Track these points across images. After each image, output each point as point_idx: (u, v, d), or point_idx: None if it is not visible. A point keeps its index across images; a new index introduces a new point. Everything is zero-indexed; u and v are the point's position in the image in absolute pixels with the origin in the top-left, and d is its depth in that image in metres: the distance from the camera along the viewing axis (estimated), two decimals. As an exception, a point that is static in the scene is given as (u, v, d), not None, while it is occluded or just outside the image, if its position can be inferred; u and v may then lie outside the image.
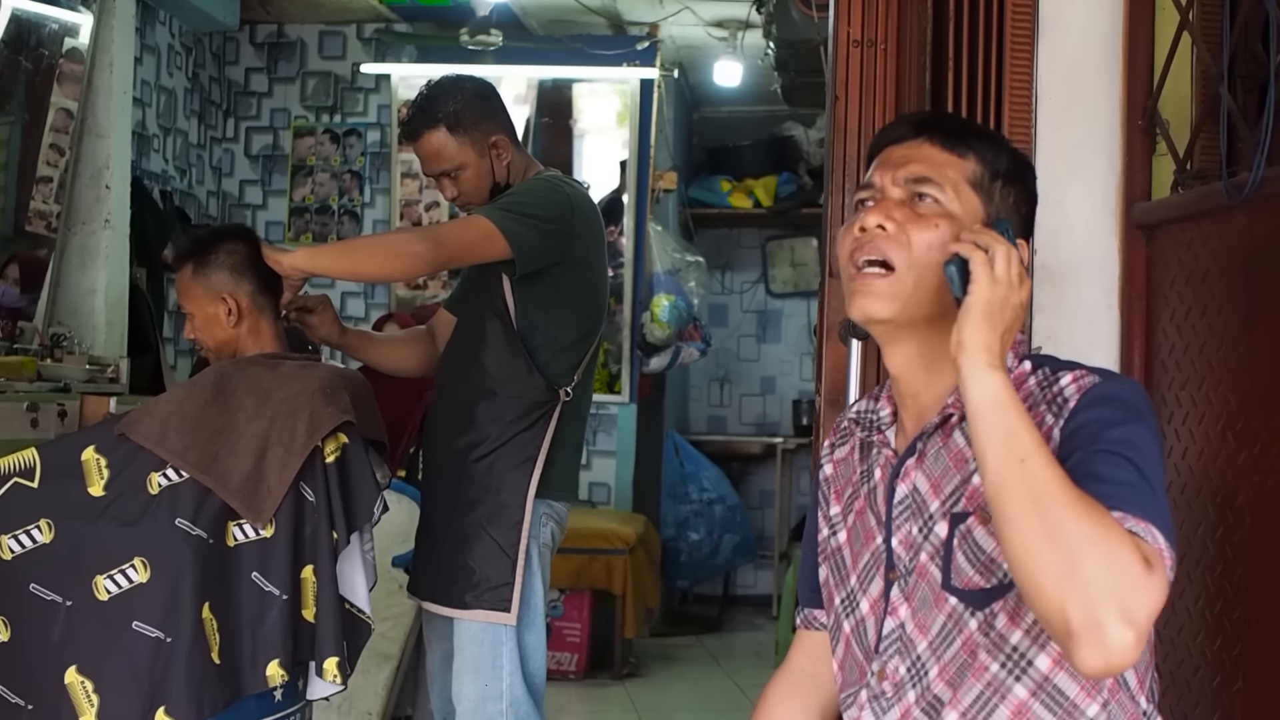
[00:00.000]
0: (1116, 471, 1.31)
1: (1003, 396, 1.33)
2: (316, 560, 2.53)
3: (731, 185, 7.27)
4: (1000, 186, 1.51)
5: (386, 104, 6.22)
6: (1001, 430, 1.30)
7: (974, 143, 1.52)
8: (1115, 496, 1.27)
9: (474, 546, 2.81)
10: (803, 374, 7.79)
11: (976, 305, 1.37)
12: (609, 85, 6.24)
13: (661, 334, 5.84)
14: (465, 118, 2.87)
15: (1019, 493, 1.26)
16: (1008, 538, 1.27)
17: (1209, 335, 1.84)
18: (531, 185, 2.91)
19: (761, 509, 7.60)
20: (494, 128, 2.92)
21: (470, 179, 2.89)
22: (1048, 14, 2.10)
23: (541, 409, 2.87)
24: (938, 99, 2.09)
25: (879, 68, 2.21)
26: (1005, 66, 2.05)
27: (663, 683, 5.72)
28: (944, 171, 1.49)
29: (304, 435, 2.54)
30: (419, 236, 2.75)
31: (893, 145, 1.55)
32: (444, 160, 2.88)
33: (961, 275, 1.39)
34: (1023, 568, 1.25)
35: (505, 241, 2.72)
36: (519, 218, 2.75)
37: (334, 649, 2.51)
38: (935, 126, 1.54)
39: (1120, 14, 2.08)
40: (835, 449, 1.72)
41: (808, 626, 1.76)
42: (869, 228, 1.49)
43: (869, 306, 1.49)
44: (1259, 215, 1.71)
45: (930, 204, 1.49)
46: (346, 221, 6.26)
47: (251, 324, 2.73)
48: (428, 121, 2.88)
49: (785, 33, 4.86)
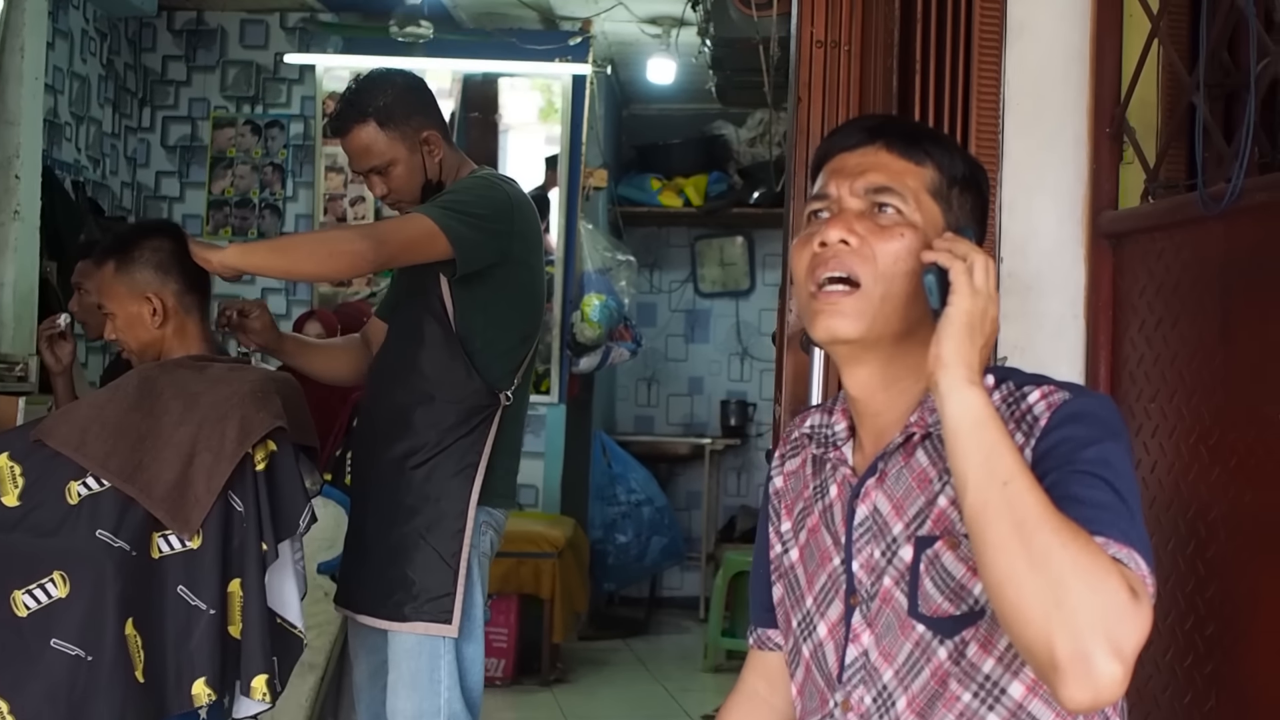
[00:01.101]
0: (1095, 493, 1.25)
1: (983, 414, 1.27)
2: (244, 573, 2.42)
3: (662, 184, 7.23)
4: (958, 193, 1.45)
5: (311, 95, 6.08)
6: (982, 451, 1.25)
7: (930, 148, 1.46)
8: (1096, 520, 1.22)
9: (413, 556, 2.72)
10: (730, 374, 7.77)
11: (957, 317, 1.31)
12: (534, 81, 6.16)
13: (592, 334, 5.77)
14: (396, 112, 2.78)
15: (1001, 517, 1.20)
16: (989, 564, 1.21)
17: (1180, 347, 1.80)
18: (470, 183, 2.83)
19: (689, 510, 7.55)
20: (425, 123, 2.83)
21: (401, 175, 2.80)
22: (1016, 19, 2.06)
23: (482, 414, 2.80)
24: (904, 104, 2.04)
25: (842, 69, 2.15)
26: (973, 72, 2.01)
27: (591, 688, 5.66)
28: (903, 180, 1.43)
29: (234, 442, 2.43)
30: (359, 234, 2.66)
31: (845, 152, 1.47)
32: (374, 156, 2.79)
33: (940, 286, 1.33)
34: (1005, 596, 1.19)
35: (446, 241, 2.64)
36: (460, 216, 2.68)
37: (262, 665, 2.41)
38: (890, 132, 1.47)
39: (1088, 21, 2.05)
40: (786, 461, 1.65)
41: (761, 647, 1.69)
42: (830, 242, 1.41)
43: (835, 326, 1.42)
44: (1236, 226, 1.68)
45: (892, 214, 1.42)
46: (268, 215, 6.11)
47: (177, 325, 2.62)
48: (357, 116, 2.78)
49: (723, 31, 4.82)
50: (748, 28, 4.68)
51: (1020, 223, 2.02)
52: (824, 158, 1.50)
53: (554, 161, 6.12)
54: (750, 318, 7.76)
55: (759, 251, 7.74)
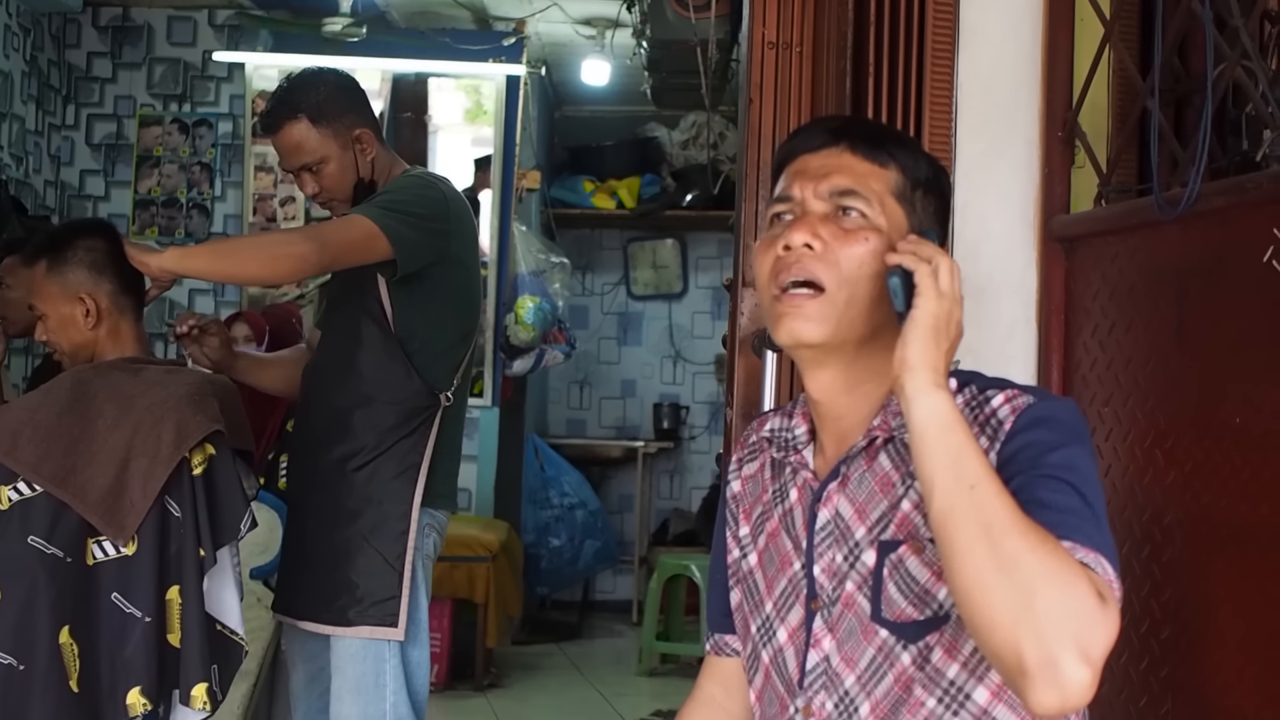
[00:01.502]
0: (1061, 498, 1.25)
1: (949, 418, 1.27)
2: (182, 580, 2.37)
3: (595, 186, 7.20)
4: (921, 195, 1.45)
5: (240, 94, 5.96)
6: (949, 454, 1.24)
7: (894, 150, 1.45)
8: (1063, 525, 1.22)
9: (356, 560, 2.70)
10: (663, 377, 7.76)
11: (923, 320, 1.31)
12: (459, 81, 6.12)
13: (526, 336, 5.73)
14: (328, 109, 2.76)
15: (969, 521, 1.20)
16: (956, 568, 1.21)
17: (1134, 351, 1.81)
18: (406, 183, 2.81)
19: (621, 513, 7.53)
20: (358, 121, 2.81)
21: (333, 173, 2.78)
22: (968, 22, 2.07)
23: (422, 415, 2.78)
24: (858, 106, 2.03)
25: (794, 71, 2.15)
26: (926, 75, 2.01)
27: (525, 692, 5.62)
28: (868, 183, 1.42)
29: (170, 445, 2.38)
30: (301, 237, 2.63)
31: (808, 154, 1.46)
32: (305, 153, 2.76)
33: (905, 288, 1.33)
34: (972, 601, 1.19)
35: (387, 242, 2.62)
36: (399, 216, 2.66)
37: (202, 674, 2.36)
38: (853, 134, 1.46)
39: (1039, 25, 2.06)
40: (743, 465, 1.64)
41: (718, 653, 1.67)
42: (794, 246, 1.40)
43: (799, 330, 1.41)
44: (1191, 231, 1.69)
45: (856, 218, 1.41)
46: (195, 215, 6.00)
47: (111, 326, 2.56)
48: (288, 113, 2.75)
49: (660, 33, 4.80)
50: (685, 30, 4.67)
51: (972, 225, 2.02)
52: (786, 159, 1.49)
53: (484, 163, 6.08)
54: (683, 320, 7.76)
55: (692, 254, 7.74)
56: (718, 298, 7.72)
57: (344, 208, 2.80)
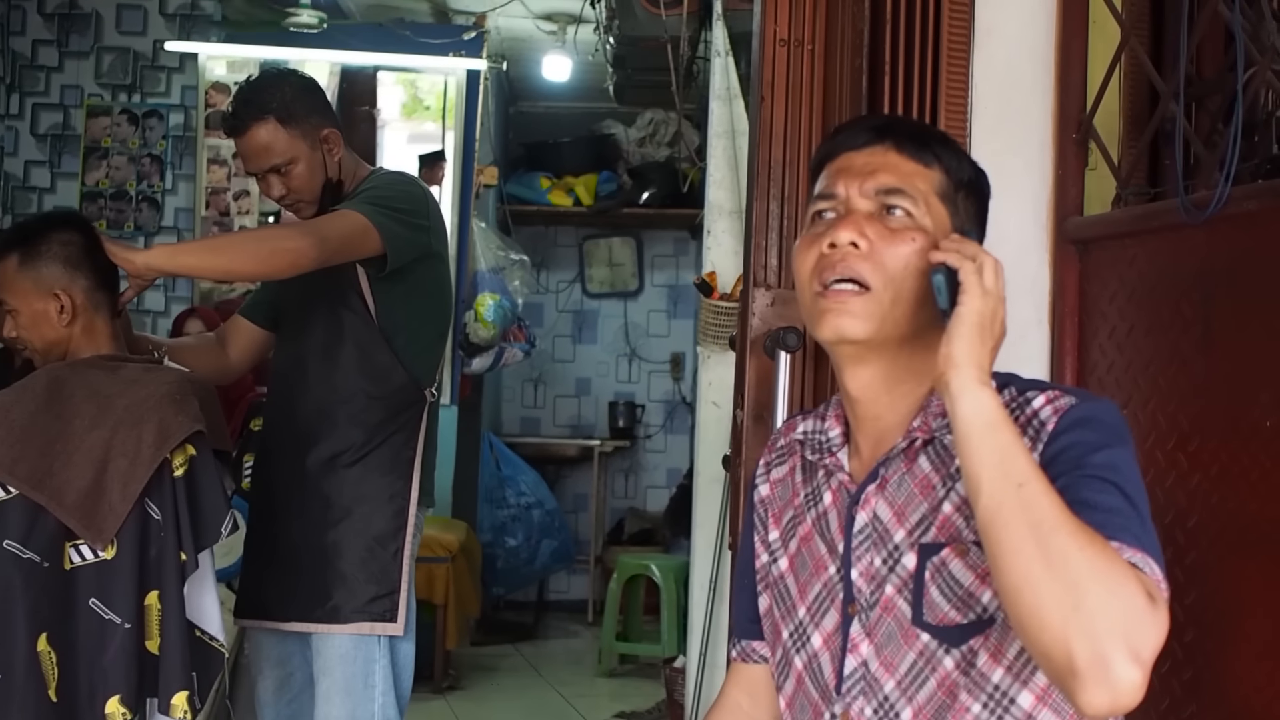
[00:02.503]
0: (1106, 498, 1.24)
1: (995, 416, 1.25)
2: (162, 585, 2.31)
3: (551, 182, 7.16)
4: (963, 197, 1.43)
5: (192, 85, 5.84)
6: (996, 453, 1.22)
7: (938, 150, 1.43)
8: (1109, 525, 1.20)
9: (352, 557, 2.69)
10: (619, 376, 7.73)
11: (968, 317, 1.29)
12: (402, 75, 6.08)
13: (486, 334, 5.68)
14: (296, 109, 2.72)
15: (1017, 519, 1.18)
16: (1005, 568, 1.19)
17: (1155, 354, 1.81)
18: (388, 179, 2.81)
19: (576, 513, 7.49)
20: (324, 121, 2.79)
21: (301, 175, 2.74)
22: (983, 22, 2.05)
23: (410, 410, 2.78)
24: (874, 105, 2.01)
25: (805, 69, 2.12)
26: (941, 74, 1.99)
27: (484, 694, 5.59)
28: (914, 182, 1.40)
29: (151, 446, 2.32)
30: (299, 232, 2.58)
31: (852, 151, 1.44)
32: (274, 154, 2.71)
33: (949, 285, 1.31)
34: (1021, 600, 1.17)
35: (379, 237, 2.60)
36: (387, 212, 2.64)
37: (182, 682, 2.30)
38: (899, 133, 1.44)
39: (1054, 25, 2.05)
40: (772, 469, 1.62)
41: (745, 659, 1.64)
42: (840, 244, 1.38)
43: (844, 326, 1.38)
44: (1219, 234, 1.68)
45: (902, 217, 1.39)
46: (145, 208, 5.87)
47: (86, 323, 2.49)
48: (256, 113, 2.70)
49: (628, 29, 4.77)
50: (654, 27, 4.65)
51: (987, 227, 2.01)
52: (827, 156, 1.47)
53: (429, 158, 6.00)
54: (639, 319, 7.73)
55: (648, 252, 7.72)
56: (673, 296, 7.70)
57: (311, 209, 2.77)
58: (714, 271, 4.29)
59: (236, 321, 2.97)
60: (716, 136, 4.34)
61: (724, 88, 4.36)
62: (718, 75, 4.37)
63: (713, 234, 4.34)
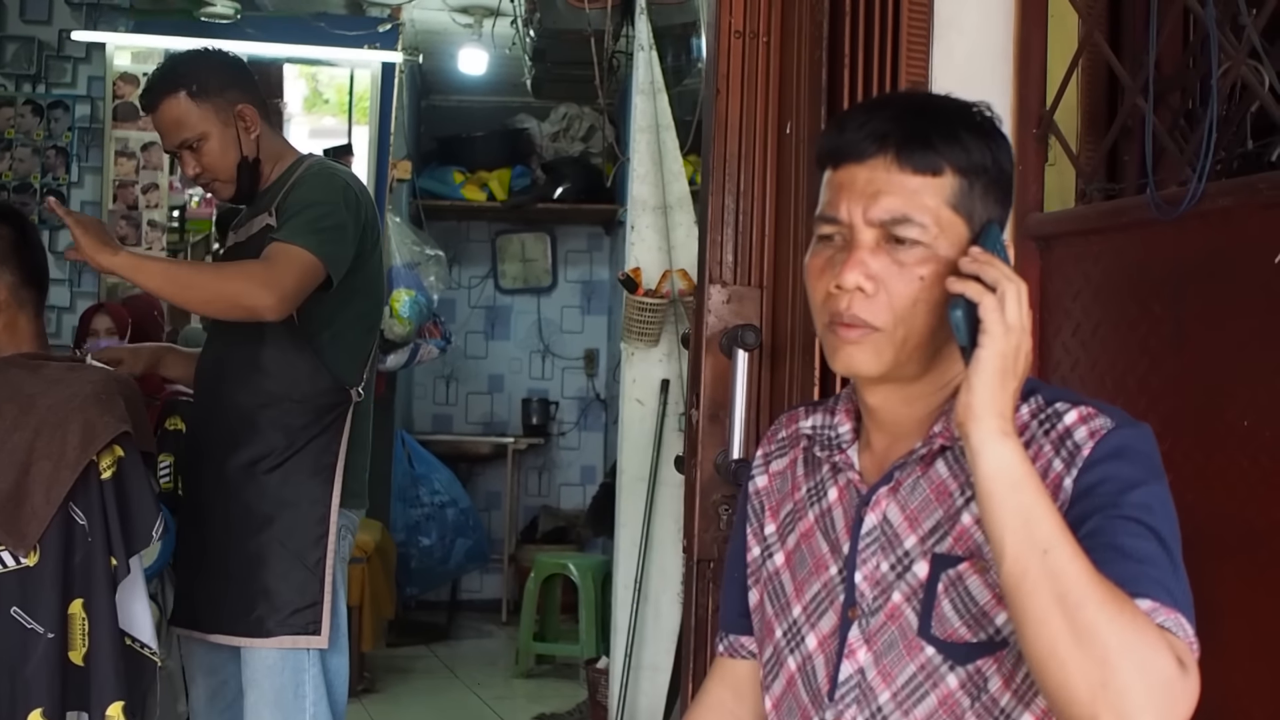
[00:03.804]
0: (1140, 544, 1.20)
1: (1018, 473, 1.19)
2: (89, 592, 2.24)
3: (465, 177, 7.06)
4: (981, 189, 1.34)
5: (99, 75, 5.63)
6: (1019, 515, 1.17)
7: (944, 150, 1.32)
8: (1142, 579, 1.17)
9: (273, 567, 2.61)
10: (532, 372, 7.66)
11: (989, 360, 1.21)
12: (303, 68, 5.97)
13: (402, 330, 5.57)
14: (209, 84, 2.68)
15: (1042, 588, 1.14)
16: (1031, 638, 1.16)
17: (1121, 352, 1.79)
18: (315, 187, 2.70)
19: (488, 511, 7.39)
20: (241, 96, 2.73)
21: (214, 151, 2.69)
22: (943, 15, 2.02)
23: (333, 412, 2.71)
24: (833, 96, 1.97)
25: (761, 61, 2.08)
26: (901, 67, 1.96)
27: (401, 697, 5.51)
28: (921, 201, 1.31)
29: (76, 448, 2.25)
30: (263, 288, 2.48)
31: (854, 164, 1.34)
32: (185, 129, 2.67)
33: (969, 321, 1.23)
34: (1049, 671, 1.14)
35: (324, 268, 2.57)
36: (326, 234, 2.59)
37: (117, 692, 2.23)
38: (901, 139, 1.33)
39: (1013, 18, 2.03)
40: (771, 460, 1.56)
41: (732, 655, 1.59)
42: (846, 287, 1.31)
43: (856, 363, 1.34)
44: (1191, 230, 1.67)
45: (910, 248, 1.31)
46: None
47: (9, 319, 2.41)
48: (168, 87, 2.68)
49: (549, 22, 4.71)
50: (576, 20, 4.59)
51: (947, 223, 1.99)
52: (830, 160, 1.38)
53: (336, 152, 5.88)
54: (552, 315, 7.66)
55: (561, 248, 7.65)
56: (587, 292, 7.65)
57: (227, 189, 2.74)
58: (638, 268, 4.25)
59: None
60: (640, 131, 4.30)
61: (647, 82, 4.32)
62: (641, 69, 4.32)
63: (636, 229, 4.30)
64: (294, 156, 2.82)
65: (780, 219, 2.20)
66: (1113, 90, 2.01)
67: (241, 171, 2.71)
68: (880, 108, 1.42)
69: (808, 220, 2.02)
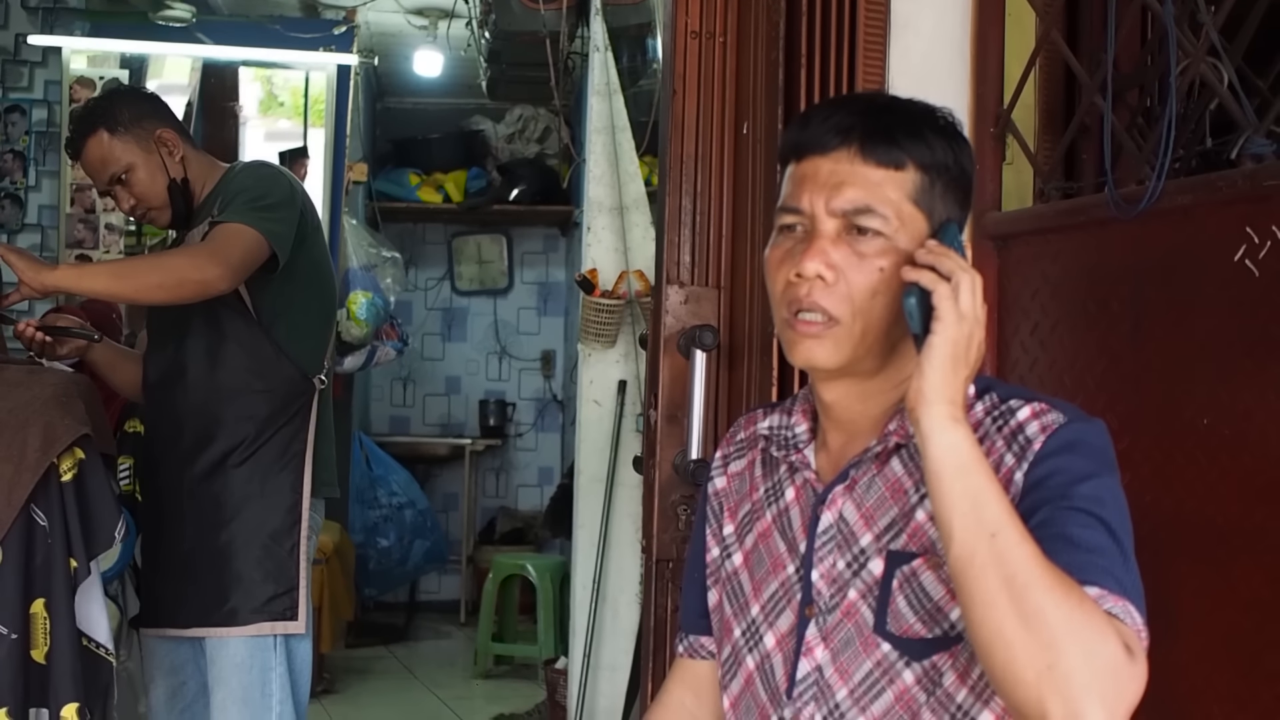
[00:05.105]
0: (1089, 535, 1.20)
1: (968, 458, 1.20)
2: (50, 593, 2.24)
3: (421, 179, 7.03)
4: (941, 188, 1.34)
5: (56, 80, 5.54)
6: (968, 499, 1.18)
7: (908, 146, 1.33)
8: (1090, 567, 1.17)
9: (247, 556, 2.64)
10: (489, 374, 7.63)
11: (941, 348, 1.22)
12: (259, 71, 5.95)
13: (359, 332, 5.53)
14: (123, 116, 2.74)
15: (989, 571, 1.14)
16: (977, 621, 1.15)
17: (1080, 350, 1.80)
18: (251, 174, 2.77)
19: (446, 512, 7.36)
20: (157, 123, 2.77)
21: (142, 180, 2.73)
22: (899, 15, 2.02)
23: (298, 401, 2.75)
24: (790, 97, 1.97)
25: (718, 61, 2.07)
26: (858, 67, 1.96)
27: (360, 698, 5.49)
28: (883, 193, 1.32)
29: (37, 451, 2.24)
30: (205, 260, 2.52)
31: (817, 156, 1.35)
32: (111, 163, 2.72)
33: (922, 309, 1.24)
34: (994, 654, 1.14)
35: (267, 244, 2.60)
36: (264, 213, 2.62)
37: (73, 693, 2.23)
38: (865, 133, 1.33)
39: (969, 17, 2.03)
40: (730, 461, 1.57)
41: (692, 655, 1.59)
42: (807, 275, 1.32)
43: (814, 356, 1.34)
44: (1150, 229, 1.67)
45: (871, 239, 1.31)
46: (8, 206, 5.58)
47: None
48: (87, 129, 2.73)
49: (504, 24, 4.69)
50: (532, 22, 4.57)
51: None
52: (794, 154, 1.38)
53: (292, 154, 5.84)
54: (509, 316, 7.63)
55: (517, 249, 7.63)
56: (544, 293, 7.63)
57: (164, 215, 2.77)
58: (595, 269, 4.24)
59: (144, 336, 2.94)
60: (596, 132, 4.30)
61: (603, 83, 4.32)
62: (597, 70, 4.32)
63: (593, 230, 4.30)
64: (222, 171, 2.84)
65: (737, 219, 2.19)
66: (1071, 89, 2.01)
67: (173, 194, 2.74)
68: (845, 104, 1.42)
69: (765, 220, 2.03)
